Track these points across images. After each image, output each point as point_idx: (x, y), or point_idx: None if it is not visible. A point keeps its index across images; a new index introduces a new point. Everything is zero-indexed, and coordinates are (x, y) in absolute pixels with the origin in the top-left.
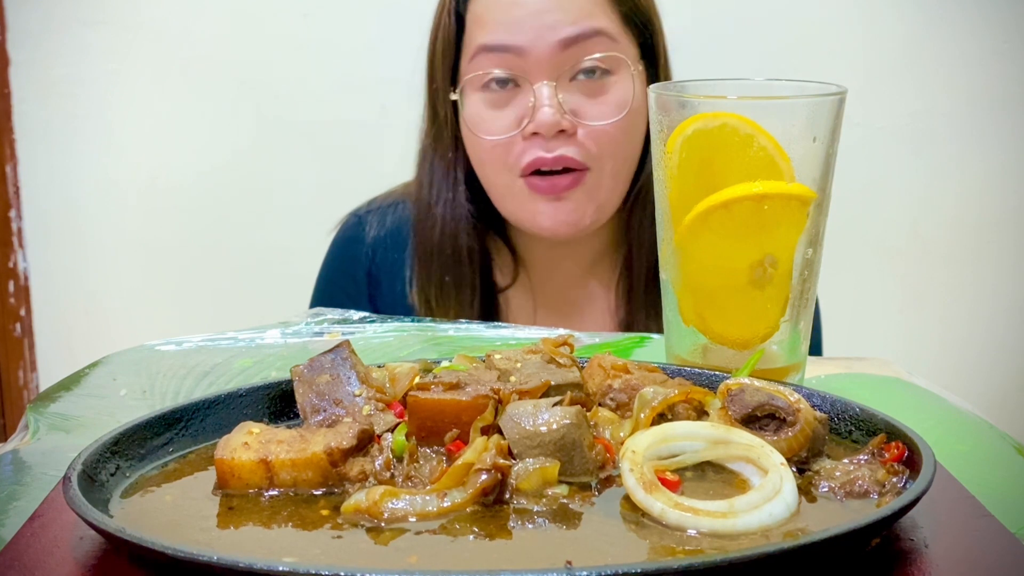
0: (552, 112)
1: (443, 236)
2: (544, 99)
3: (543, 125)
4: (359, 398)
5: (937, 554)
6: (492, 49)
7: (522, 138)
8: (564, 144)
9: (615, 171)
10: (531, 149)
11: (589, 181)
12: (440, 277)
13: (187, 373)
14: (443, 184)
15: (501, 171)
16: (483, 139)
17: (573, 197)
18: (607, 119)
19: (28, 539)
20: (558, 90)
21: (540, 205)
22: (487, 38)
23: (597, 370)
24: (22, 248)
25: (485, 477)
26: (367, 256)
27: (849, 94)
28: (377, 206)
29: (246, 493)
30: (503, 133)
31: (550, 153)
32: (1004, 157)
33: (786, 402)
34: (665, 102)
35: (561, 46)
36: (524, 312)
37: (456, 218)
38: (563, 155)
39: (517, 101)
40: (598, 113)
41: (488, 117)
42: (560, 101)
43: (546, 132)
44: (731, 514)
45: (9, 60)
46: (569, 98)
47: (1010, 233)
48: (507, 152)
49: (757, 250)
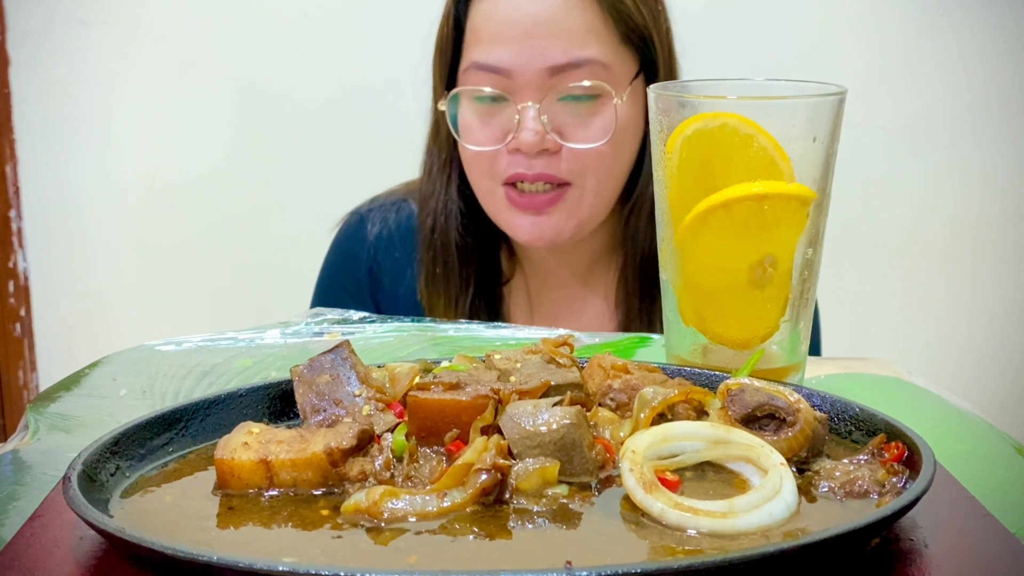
0: (533, 134)
1: (435, 229)
2: (528, 121)
3: (525, 144)
4: (359, 398)
5: (937, 554)
6: (482, 67)
7: (507, 151)
8: (545, 162)
9: (597, 188)
10: (513, 163)
11: (570, 197)
12: (431, 268)
13: (187, 373)
14: (438, 179)
15: (485, 178)
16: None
17: (553, 213)
18: (590, 142)
19: (28, 539)
20: (542, 111)
21: (519, 218)
22: (479, 56)
23: (597, 370)
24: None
25: (485, 477)
26: (369, 254)
27: (849, 94)
28: (379, 204)
29: (246, 493)
30: (488, 144)
31: (531, 170)
32: (1004, 157)
33: (786, 402)
34: (665, 102)
35: (549, 73)
36: (521, 313)
37: (447, 214)
38: (543, 172)
39: (505, 115)
40: (582, 136)
41: (476, 127)
42: (544, 122)
43: (528, 151)
44: (731, 514)
45: (9, 60)
46: (555, 118)
47: (1010, 233)
48: (492, 162)
49: (757, 250)
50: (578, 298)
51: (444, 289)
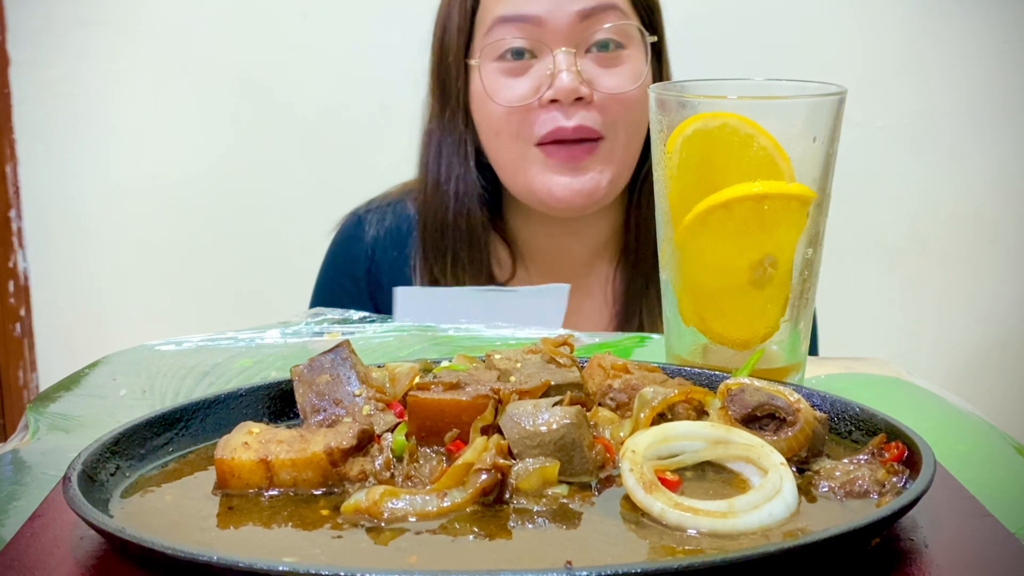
0: (572, 78)
1: (457, 212)
2: (563, 65)
3: (563, 91)
4: (359, 398)
5: (937, 554)
6: (510, 20)
7: (539, 106)
8: (582, 112)
9: (627, 141)
10: (549, 118)
11: (603, 150)
12: (455, 253)
13: (187, 373)
14: (454, 159)
15: (515, 141)
16: (499, 107)
17: (589, 166)
18: (623, 88)
19: (28, 539)
20: (576, 58)
21: (555, 176)
22: (505, 10)
23: (597, 370)
24: (22, 248)
25: (485, 477)
26: (367, 255)
27: (849, 94)
28: (376, 206)
29: (246, 493)
30: (520, 101)
31: (570, 121)
32: (1003, 157)
33: (786, 402)
34: (665, 102)
35: (579, 17)
36: None
37: (469, 193)
38: (582, 124)
39: (534, 71)
40: (614, 83)
41: (504, 85)
42: (579, 69)
43: (565, 98)
44: (731, 514)
45: (9, 60)
46: (585, 67)
47: (1009, 232)
48: (523, 121)
49: (757, 250)
50: (577, 293)
51: (470, 271)
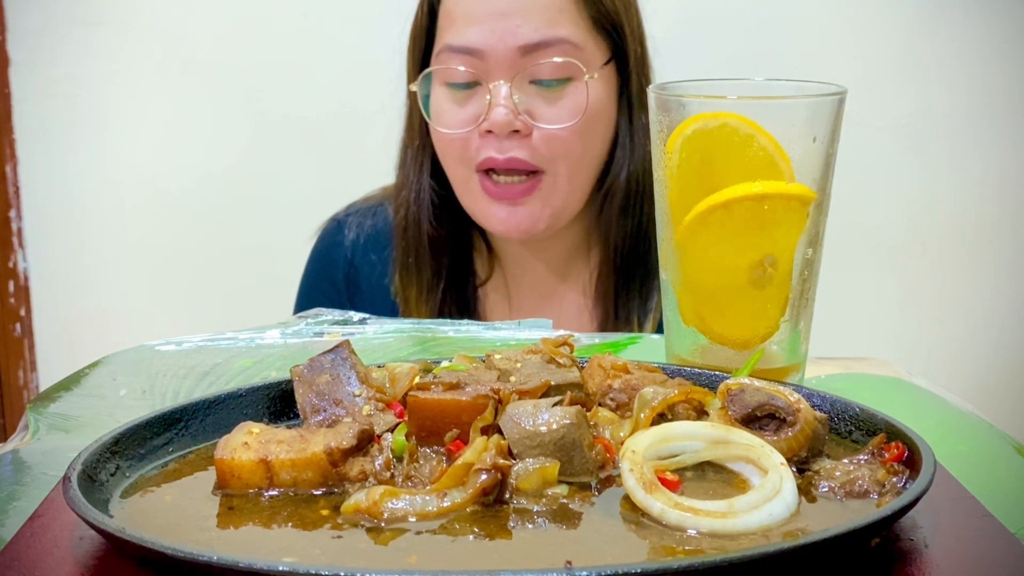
0: (505, 112)
1: (407, 219)
2: (499, 98)
3: (496, 124)
4: (359, 398)
5: (937, 554)
6: (455, 50)
7: (478, 135)
8: (517, 145)
9: (570, 175)
10: (485, 147)
11: (544, 186)
12: (404, 259)
13: (187, 373)
14: (411, 169)
15: (459, 165)
16: (442, 132)
17: (528, 203)
18: (561, 123)
19: (28, 539)
20: (514, 91)
21: (494, 207)
22: (452, 38)
23: (597, 370)
24: (22, 248)
25: (485, 477)
26: (346, 259)
27: (849, 94)
28: (356, 209)
29: (246, 493)
30: (460, 128)
31: (502, 155)
32: (1003, 157)
33: (786, 402)
34: (665, 102)
35: (521, 51)
36: (500, 309)
37: (419, 203)
38: (515, 156)
39: (476, 98)
40: (553, 116)
41: (448, 111)
42: (516, 102)
43: (499, 131)
44: (731, 514)
45: (9, 60)
46: (525, 100)
47: (1009, 233)
48: (464, 147)
49: (757, 250)
50: (556, 293)
51: (416, 280)
